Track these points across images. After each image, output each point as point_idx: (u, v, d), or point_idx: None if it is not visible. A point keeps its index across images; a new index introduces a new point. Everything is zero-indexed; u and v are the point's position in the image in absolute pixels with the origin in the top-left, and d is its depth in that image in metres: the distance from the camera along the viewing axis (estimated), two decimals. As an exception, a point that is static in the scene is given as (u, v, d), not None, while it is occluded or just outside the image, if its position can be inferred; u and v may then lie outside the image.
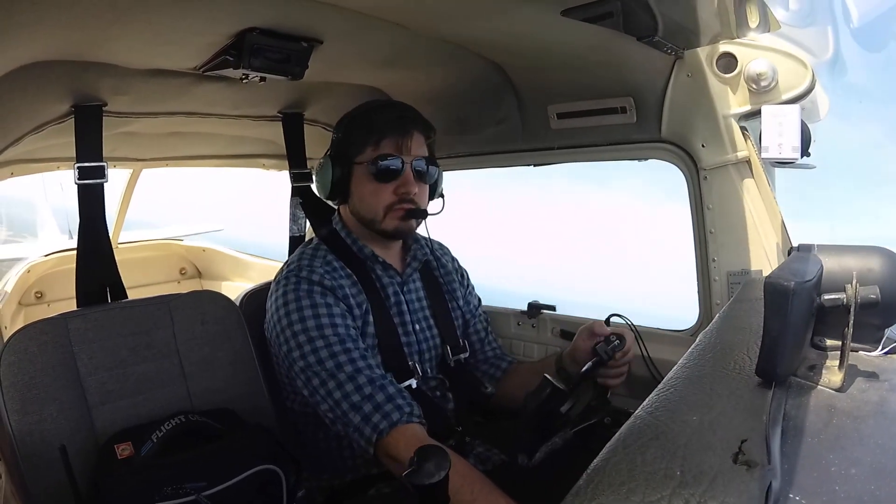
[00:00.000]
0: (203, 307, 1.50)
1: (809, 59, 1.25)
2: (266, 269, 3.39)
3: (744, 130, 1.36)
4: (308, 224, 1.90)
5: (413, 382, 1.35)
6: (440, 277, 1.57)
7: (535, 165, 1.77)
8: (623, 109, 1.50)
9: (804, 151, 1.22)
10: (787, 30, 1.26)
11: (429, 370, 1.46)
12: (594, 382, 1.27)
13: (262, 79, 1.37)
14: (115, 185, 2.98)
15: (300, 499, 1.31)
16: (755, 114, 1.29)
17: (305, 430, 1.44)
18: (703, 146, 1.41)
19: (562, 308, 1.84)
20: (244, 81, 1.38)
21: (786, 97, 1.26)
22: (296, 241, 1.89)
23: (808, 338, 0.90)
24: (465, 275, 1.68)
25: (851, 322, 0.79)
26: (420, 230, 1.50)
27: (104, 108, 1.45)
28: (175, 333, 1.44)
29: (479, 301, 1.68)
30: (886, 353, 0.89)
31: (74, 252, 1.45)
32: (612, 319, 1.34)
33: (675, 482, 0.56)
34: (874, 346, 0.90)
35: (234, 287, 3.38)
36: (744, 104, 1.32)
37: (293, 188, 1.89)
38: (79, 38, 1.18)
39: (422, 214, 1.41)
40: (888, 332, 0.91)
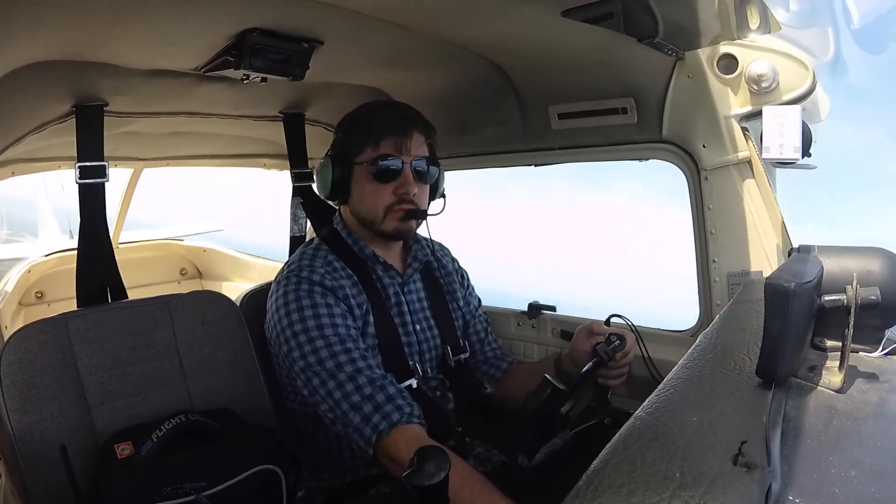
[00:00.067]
0: (203, 307, 1.50)
1: (810, 61, 1.25)
2: (266, 270, 3.39)
3: (745, 131, 1.36)
4: (309, 224, 1.90)
5: (413, 382, 1.34)
6: (441, 278, 1.57)
7: (536, 166, 1.77)
8: (624, 110, 1.50)
9: (805, 152, 1.22)
10: (788, 31, 1.26)
11: (429, 370, 1.46)
12: (594, 383, 1.27)
13: (263, 79, 1.37)
14: (116, 185, 2.98)
15: (300, 499, 1.31)
16: (756, 114, 1.29)
17: (305, 431, 1.44)
18: (704, 147, 1.41)
19: (562, 309, 1.84)
20: (245, 82, 1.38)
21: (787, 98, 1.26)
22: (296, 242, 1.88)
23: (809, 339, 0.90)
24: (466, 275, 1.68)
25: (852, 323, 0.79)
26: (421, 230, 1.50)
27: (105, 108, 1.45)
28: (175, 333, 1.44)
29: (480, 301, 1.68)
30: (886, 354, 0.89)
31: (75, 252, 1.45)
32: (613, 320, 1.34)
33: (675, 484, 0.56)
34: (874, 347, 0.90)
35: (235, 287, 3.37)
36: (745, 105, 1.32)
37: (294, 188, 1.89)
38: (80, 39, 1.18)
39: (421, 215, 1.41)
40: (888, 333, 0.91)
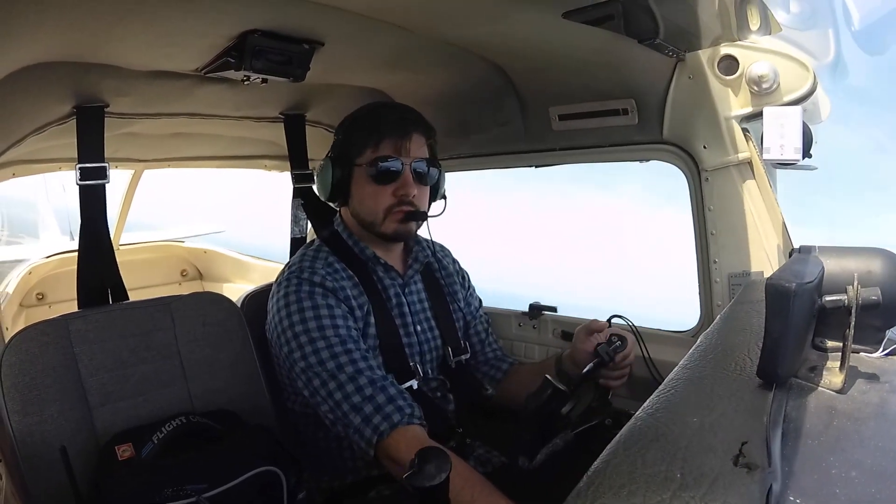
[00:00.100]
0: (204, 308, 1.50)
1: (811, 62, 1.25)
2: (267, 271, 3.38)
3: (745, 132, 1.36)
4: (310, 225, 1.90)
5: (414, 383, 1.34)
6: (441, 279, 1.57)
7: (537, 167, 1.78)
8: (625, 111, 1.51)
9: (805, 153, 1.22)
10: (789, 32, 1.26)
11: (430, 371, 1.46)
12: (595, 384, 1.27)
13: (264, 80, 1.37)
14: (117, 187, 2.98)
15: (300, 500, 1.31)
16: (757, 115, 1.29)
17: (306, 432, 1.43)
18: (705, 147, 1.41)
19: (563, 310, 1.84)
20: (246, 83, 1.38)
21: (787, 99, 1.27)
22: (297, 243, 1.88)
23: (809, 339, 0.90)
24: (466, 276, 1.68)
25: (852, 323, 0.79)
26: (422, 231, 1.50)
27: (106, 110, 1.45)
28: (176, 335, 1.44)
29: (480, 302, 1.68)
30: (887, 355, 0.89)
31: (76, 253, 1.44)
32: (614, 321, 1.34)
33: (676, 484, 0.56)
34: (875, 348, 0.90)
35: (236, 289, 3.37)
36: (745, 106, 1.32)
37: (295, 189, 1.89)
38: (81, 40, 1.18)
39: (421, 217, 1.41)
40: (889, 334, 0.91)
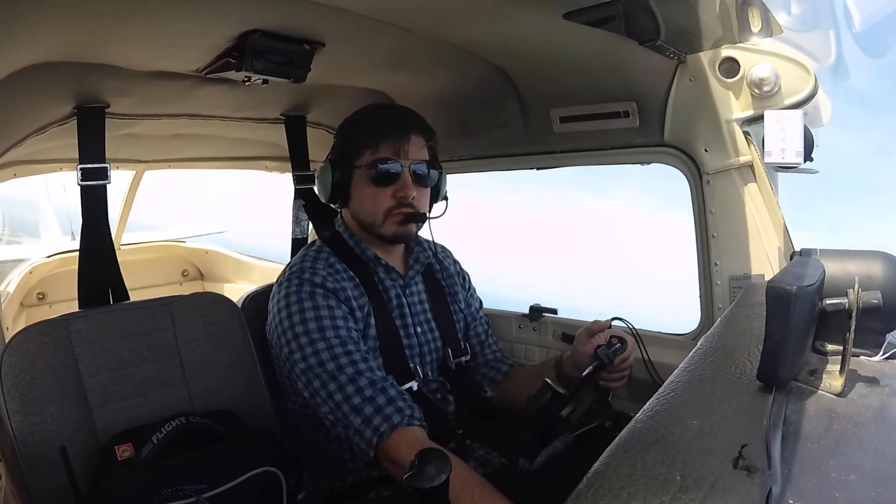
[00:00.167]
0: (205, 309, 1.50)
1: (812, 64, 1.25)
2: (268, 272, 3.38)
3: (746, 135, 1.36)
4: (310, 226, 1.91)
5: (414, 385, 1.34)
6: (442, 280, 1.57)
7: (538, 169, 1.77)
8: (626, 113, 1.50)
9: (807, 156, 1.22)
10: (790, 34, 1.26)
11: (430, 372, 1.46)
12: (595, 386, 1.26)
13: (265, 81, 1.37)
14: (118, 187, 2.98)
15: (300, 501, 1.31)
16: (758, 118, 1.29)
17: (306, 432, 1.43)
18: (706, 150, 1.41)
19: (563, 311, 1.84)
20: (246, 84, 1.39)
21: (788, 102, 1.26)
22: (298, 244, 1.88)
23: (810, 342, 0.90)
24: (467, 277, 1.68)
25: (853, 327, 0.79)
26: (423, 232, 1.50)
27: (106, 110, 1.45)
28: (176, 335, 1.44)
29: (481, 304, 1.68)
30: (887, 359, 0.89)
31: (77, 253, 1.45)
32: (614, 323, 1.34)
33: (676, 487, 0.56)
34: (875, 351, 0.90)
35: (237, 289, 3.37)
36: (746, 109, 1.32)
37: (296, 190, 1.89)
38: (81, 40, 1.18)
39: (421, 218, 1.41)
40: (889, 337, 0.91)
